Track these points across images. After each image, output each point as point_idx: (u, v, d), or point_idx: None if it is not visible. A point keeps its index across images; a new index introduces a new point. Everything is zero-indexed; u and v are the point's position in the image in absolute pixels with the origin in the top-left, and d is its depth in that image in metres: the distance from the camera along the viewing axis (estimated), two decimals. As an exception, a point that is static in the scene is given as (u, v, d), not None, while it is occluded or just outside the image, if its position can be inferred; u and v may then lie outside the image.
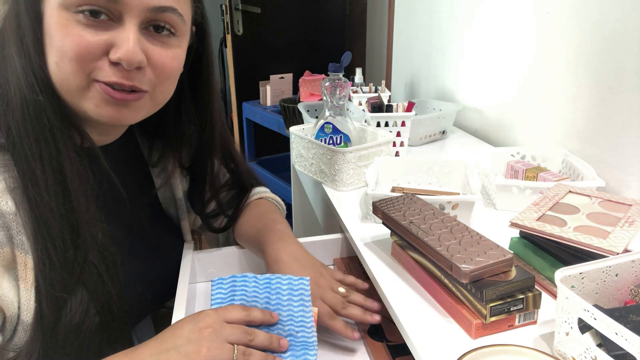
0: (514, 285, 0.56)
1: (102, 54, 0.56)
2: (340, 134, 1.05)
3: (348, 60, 1.03)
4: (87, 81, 0.57)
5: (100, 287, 0.60)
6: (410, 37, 1.86)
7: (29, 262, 0.55)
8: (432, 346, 0.55)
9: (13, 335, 0.57)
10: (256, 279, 0.68)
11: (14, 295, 0.55)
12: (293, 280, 0.67)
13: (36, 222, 0.55)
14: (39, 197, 0.55)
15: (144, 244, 0.75)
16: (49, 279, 0.56)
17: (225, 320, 0.56)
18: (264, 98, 2.31)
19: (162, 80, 0.62)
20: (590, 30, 0.97)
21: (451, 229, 0.64)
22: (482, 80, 1.39)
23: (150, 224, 0.76)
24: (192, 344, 0.53)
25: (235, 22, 2.36)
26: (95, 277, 0.60)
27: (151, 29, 0.58)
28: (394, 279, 0.69)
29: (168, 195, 0.82)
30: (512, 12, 1.23)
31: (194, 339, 0.53)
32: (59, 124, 0.57)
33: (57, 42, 0.55)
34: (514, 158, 1.03)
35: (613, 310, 0.53)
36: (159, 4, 0.57)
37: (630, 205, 0.69)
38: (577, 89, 1.02)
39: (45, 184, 0.55)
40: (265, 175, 2.31)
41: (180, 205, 0.83)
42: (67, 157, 0.57)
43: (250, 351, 0.55)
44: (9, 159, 0.56)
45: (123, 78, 0.57)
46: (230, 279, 0.67)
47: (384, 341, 0.71)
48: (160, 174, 0.80)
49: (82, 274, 0.58)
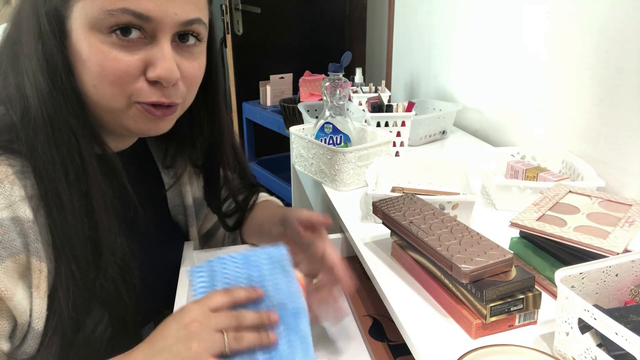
0: (514, 285, 0.56)
1: (140, 74, 0.56)
2: (340, 134, 1.05)
3: (348, 60, 1.03)
4: (128, 103, 0.57)
5: (117, 301, 0.61)
6: (410, 37, 1.86)
7: (43, 269, 0.55)
8: (432, 346, 0.55)
9: (22, 342, 0.57)
10: (233, 258, 0.65)
11: (27, 303, 0.55)
12: (271, 251, 0.65)
13: (60, 244, 0.55)
14: (64, 219, 0.55)
15: (153, 252, 0.75)
16: (72, 301, 0.56)
17: (209, 309, 0.56)
18: (264, 98, 2.31)
19: (191, 90, 0.63)
20: (591, 30, 0.97)
21: (451, 229, 0.64)
22: (482, 80, 1.39)
23: (160, 232, 0.77)
24: (181, 342, 0.52)
25: (235, 22, 2.36)
26: (113, 292, 0.60)
27: (177, 40, 0.59)
28: (394, 279, 0.69)
29: (177, 203, 0.82)
30: (512, 12, 1.23)
31: (182, 337, 0.53)
32: (86, 144, 0.57)
33: (93, 67, 0.54)
34: (514, 158, 1.03)
35: (613, 310, 0.53)
36: (188, 17, 0.57)
37: (630, 205, 0.69)
38: (577, 89, 1.02)
39: (71, 206, 0.55)
40: (265, 175, 2.31)
41: (190, 213, 0.83)
42: (93, 178, 0.57)
43: (241, 335, 0.55)
44: (27, 166, 0.55)
45: (162, 97, 0.58)
46: (207, 264, 0.65)
47: (384, 341, 0.71)
48: (171, 175, 0.80)
49: (102, 291, 0.59)
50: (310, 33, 2.55)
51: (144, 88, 0.57)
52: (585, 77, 0.99)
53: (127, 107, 0.58)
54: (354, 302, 0.80)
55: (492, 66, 1.33)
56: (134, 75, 0.56)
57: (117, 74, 0.55)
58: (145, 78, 0.56)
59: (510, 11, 1.23)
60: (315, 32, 2.56)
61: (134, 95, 0.57)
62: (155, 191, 0.79)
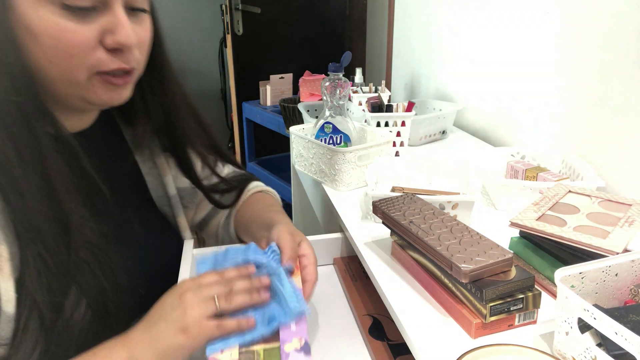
0: (514, 285, 0.56)
1: (97, 44, 0.56)
2: (340, 134, 1.05)
3: (348, 60, 1.03)
4: (89, 74, 0.57)
5: (93, 283, 0.60)
6: (410, 37, 1.86)
7: (3, 253, 0.54)
8: (432, 346, 0.55)
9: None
10: (236, 248, 0.70)
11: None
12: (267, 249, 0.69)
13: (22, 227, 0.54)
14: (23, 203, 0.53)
15: (136, 238, 0.74)
16: (46, 285, 0.55)
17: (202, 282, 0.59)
18: (264, 98, 2.31)
19: (144, 56, 0.64)
20: (590, 30, 0.97)
21: (451, 228, 0.64)
22: (482, 80, 1.39)
23: (143, 221, 0.76)
24: (176, 309, 0.56)
25: (235, 22, 2.36)
26: (87, 274, 0.59)
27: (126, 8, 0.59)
28: (394, 279, 0.69)
29: (161, 194, 0.82)
30: (512, 12, 1.23)
31: (177, 305, 0.56)
32: (39, 124, 0.56)
33: (47, 40, 0.53)
34: (514, 158, 1.03)
35: (613, 310, 0.53)
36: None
37: (630, 205, 0.70)
38: (577, 89, 1.02)
39: (30, 189, 0.54)
40: (265, 175, 2.31)
41: (175, 203, 0.82)
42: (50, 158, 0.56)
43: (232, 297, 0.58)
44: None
45: (123, 63, 0.59)
46: (213, 255, 0.69)
47: (384, 340, 0.71)
48: (146, 161, 0.80)
49: (75, 273, 0.58)
50: (310, 33, 2.55)
51: (103, 57, 0.57)
52: (585, 77, 0.99)
53: (88, 79, 0.57)
54: (354, 301, 0.80)
55: (492, 66, 1.33)
56: (92, 46, 0.55)
57: (75, 46, 0.54)
58: (102, 47, 0.56)
59: (511, 11, 1.23)
60: (315, 32, 2.56)
61: (95, 66, 0.56)
62: (130, 174, 0.78)
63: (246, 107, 2.37)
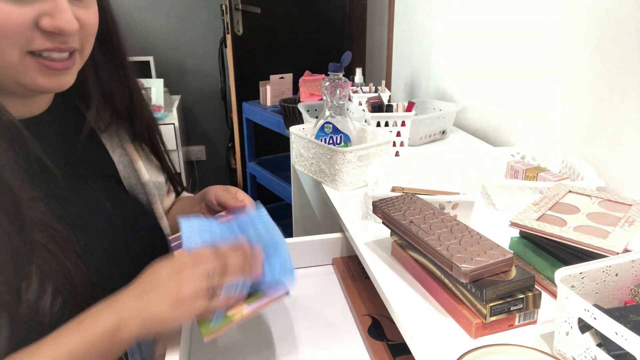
0: (514, 285, 0.56)
1: (33, 25, 0.55)
2: (340, 134, 1.05)
3: (348, 60, 1.03)
4: (20, 54, 0.56)
5: (54, 263, 0.59)
6: (410, 37, 1.86)
7: None
8: (432, 346, 0.55)
9: None
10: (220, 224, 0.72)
11: None
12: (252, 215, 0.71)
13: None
14: None
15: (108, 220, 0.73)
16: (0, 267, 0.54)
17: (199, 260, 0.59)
18: (264, 98, 2.31)
19: (89, 38, 0.63)
20: (590, 30, 0.97)
21: (451, 228, 0.64)
22: (482, 80, 1.39)
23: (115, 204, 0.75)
24: (171, 281, 0.56)
25: (235, 22, 2.36)
26: (46, 254, 0.58)
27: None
28: (394, 279, 0.69)
29: (134, 182, 0.81)
30: (512, 12, 1.23)
31: (173, 277, 0.56)
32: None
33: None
34: (514, 158, 1.03)
35: (613, 310, 0.53)
36: None
37: (630, 205, 0.69)
38: (577, 89, 1.02)
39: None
40: (265, 175, 2.31)
41: (149, 190, 0.82)
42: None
43: (225, 270, 0.58)
44: None
45: (59, 43, 0.57)
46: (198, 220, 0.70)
47: (384, 340, 0.71)
48: (116, 149, 0.79)
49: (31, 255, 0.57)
50: (310, 33, 2.55)
51: (37, 36, 0.55)
52: (586, 77, 0.99)
53: (20, 60, 0.56)
54: (353, 301, 0.80)
55: (492, 66, 1.33)
56: (26, 26, 0.54)
57: (9, 26, 0.53)
58: (38, 29, 0.55)
59: (510, 11, 1.23)
60: (315, 32, 2.56)
61: (25, 45, 0.55)
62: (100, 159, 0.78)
63: (246, 107, 2.37)
